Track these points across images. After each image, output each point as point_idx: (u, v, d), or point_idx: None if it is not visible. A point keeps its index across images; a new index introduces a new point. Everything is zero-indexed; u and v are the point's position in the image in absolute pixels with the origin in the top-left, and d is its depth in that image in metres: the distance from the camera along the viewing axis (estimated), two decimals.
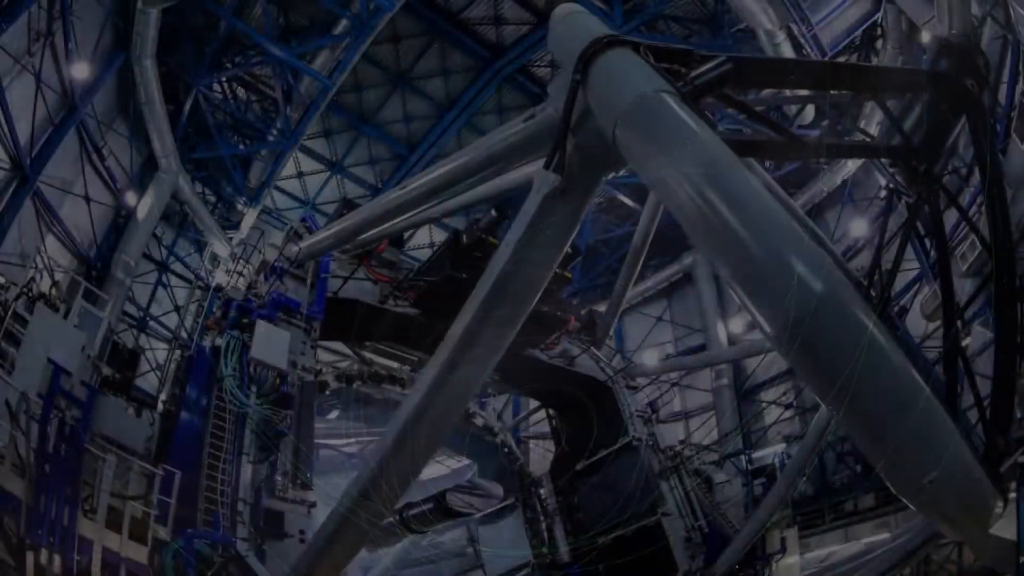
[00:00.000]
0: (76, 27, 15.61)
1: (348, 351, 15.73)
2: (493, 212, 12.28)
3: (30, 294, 8.78)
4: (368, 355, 15.66)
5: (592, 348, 15.29)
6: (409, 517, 13.42)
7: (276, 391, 9.45)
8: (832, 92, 5.95)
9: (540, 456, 22.30)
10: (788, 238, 3.67)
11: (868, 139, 7.58)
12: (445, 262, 12.67)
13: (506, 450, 16.88)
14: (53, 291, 9.72)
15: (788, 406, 21.46)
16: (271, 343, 8.92)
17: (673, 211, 4.10)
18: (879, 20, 16.84)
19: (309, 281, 12.10)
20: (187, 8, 19.18)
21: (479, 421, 16.88)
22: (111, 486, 6.85)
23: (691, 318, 25.93)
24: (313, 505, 9.57)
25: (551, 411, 16.97)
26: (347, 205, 14.23)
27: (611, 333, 15.77)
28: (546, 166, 5.06)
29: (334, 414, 16.02)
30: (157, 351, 20.68)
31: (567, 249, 13.72)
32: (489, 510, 14.32)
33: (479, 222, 12.66)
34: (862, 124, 16.08)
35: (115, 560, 6.65)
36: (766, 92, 7.66)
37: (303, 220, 14.03)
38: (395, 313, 13.04)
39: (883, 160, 6.38)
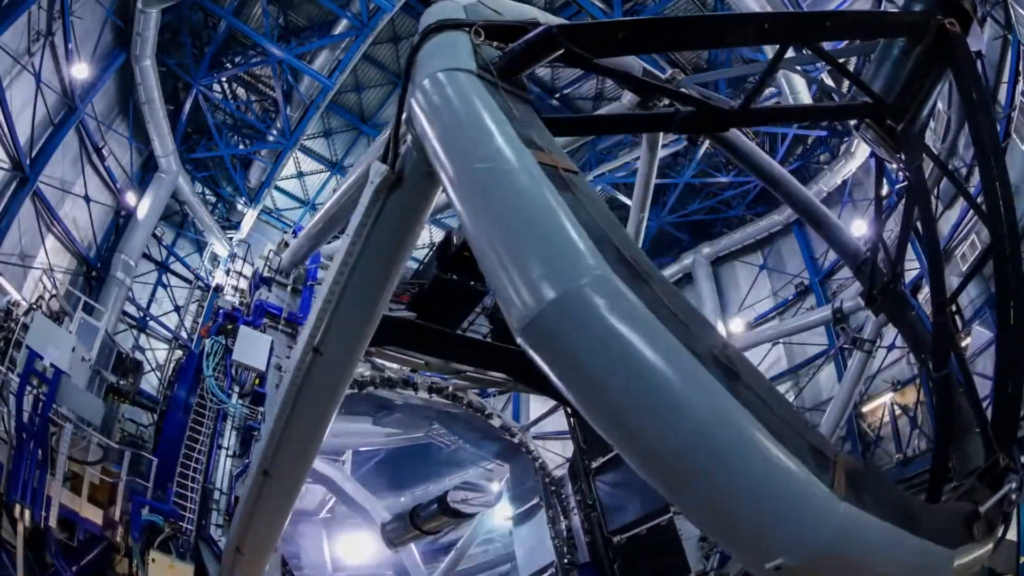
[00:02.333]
0: (76, 27, 15.61)
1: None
2: None
3: (39, 308, 10.16)
4: (380, 361, 15.66)
5: None
6: (420, 518, 13.48)
7: (253, 391, 10.27)
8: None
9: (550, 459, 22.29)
10: (536, 239, 2.79)
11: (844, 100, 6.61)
12: (434, 264, 12.68)
13: (524, 450, 16.81)
14: (54, 303, 10.86)
15: None
16: (251, 347, 9.51)
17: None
18: None
19: (290, 288, 12.26)
20: (187, 8, 19.20)
21: (496, 422, 16.83)
22: (70, 453, 8.18)
23: None
24: None
25: (568, 409, 16.68)
26: None
27: None
28: (382, 158, 4.71)
29: (366, 422, 16.14)
30: (157, 351, 20.68)
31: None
32: (487, 509, 14.33)
33: None
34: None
35: (74, 517, 7.92)
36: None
37: (294, 231, 13.97)
38: (392, 319, 12.98)
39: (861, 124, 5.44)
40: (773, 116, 7.94)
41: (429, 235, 29.58)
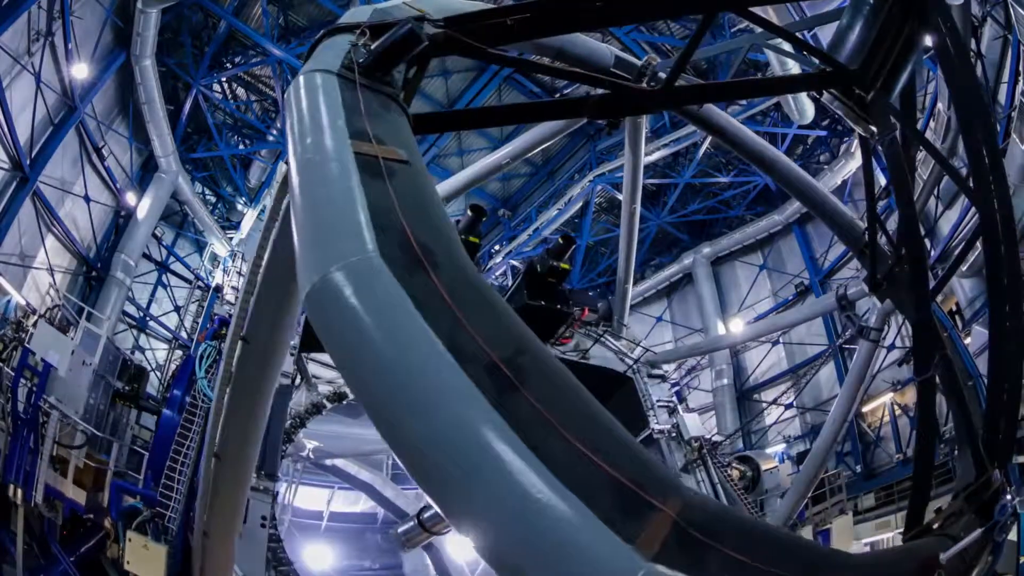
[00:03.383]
0: (76, 27, 15.61)
1: None
2: (469, 212, 12.35)
3: (46, 317, 11.14)
4: None
5: (609, 338, 14.84)
6: (426, 520, 13.50)
7: None
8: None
9: None
10: (322, 223, 2.73)
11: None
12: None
13: None
14: (58, 312, 12.04)
15: (788, 406, 21.47)
16: None
17: None
18: None
19: None
20: (187, 8, 19.21)
21: None
22: (58, 439, 9.19)
23: (691, 318, 25.95)
24: (277, 494, 10.20)
25: None
26: None
27: (626, 323, 15.24)
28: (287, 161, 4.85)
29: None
30: (157, 351, 20.68)
31: (557, 239, 13.63)
32: None
33: (459, 224, 12.72)
34: None
35: (59, 496, 8.82)
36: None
37: None
38: None
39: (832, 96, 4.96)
40: (713, 94, 7.01)
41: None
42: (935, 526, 3.83)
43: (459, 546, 17.14)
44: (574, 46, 7.60)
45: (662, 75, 9.81)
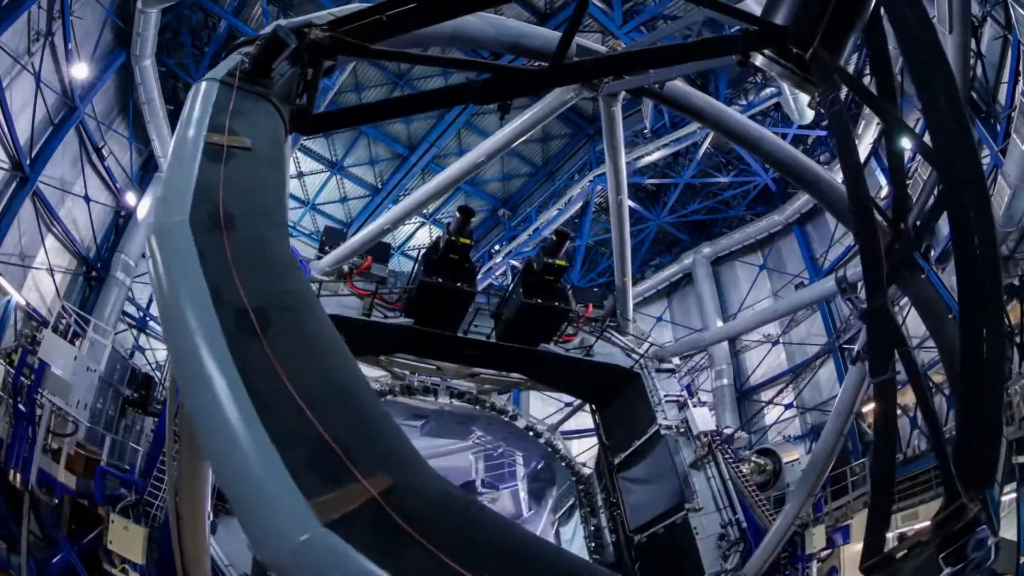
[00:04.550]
0: (76, 27, 15.60)
1: (381, 369, 15.89)
2: (457, 214, 12.33)
3: (55, 329, 11.87)
4: (398, 370, 15.73)
5: (615, 334, 14.49)
6: None
7: None
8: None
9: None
10: (163, 193, 3.34)
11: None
12: (420, 269, 12.70)
13: (550, 450, 16.69)
14: (69, 324, 12.70)
15: (788, 406, 21.48)
16: None
17: None
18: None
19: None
20: (187, 8, 19.20)
21: (521, 424, 16.73)
22: (53, 428, 10.12)
23: (691, 318, 25.94)
24: None
25: (593, 406, 16.15)
26: (328, 233, 14.17)
27: (631, 318, 15.05)
28: None
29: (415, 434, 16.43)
30: (157, 351, 20.68)
31: (551, 236, 13.41)
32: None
33: (449, 226, 12.73)
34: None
35: (52, 480, 9.69)
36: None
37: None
38: (388, 326, 12.91)
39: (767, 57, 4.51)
40: (611, 67, 6.29)
41: (429, 235, 29.63)
42: (898, 556, 3.41)
43: None
44: (468, 30, 7.39)
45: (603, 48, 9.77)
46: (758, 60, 4.63)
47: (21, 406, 9.69)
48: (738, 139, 10.02)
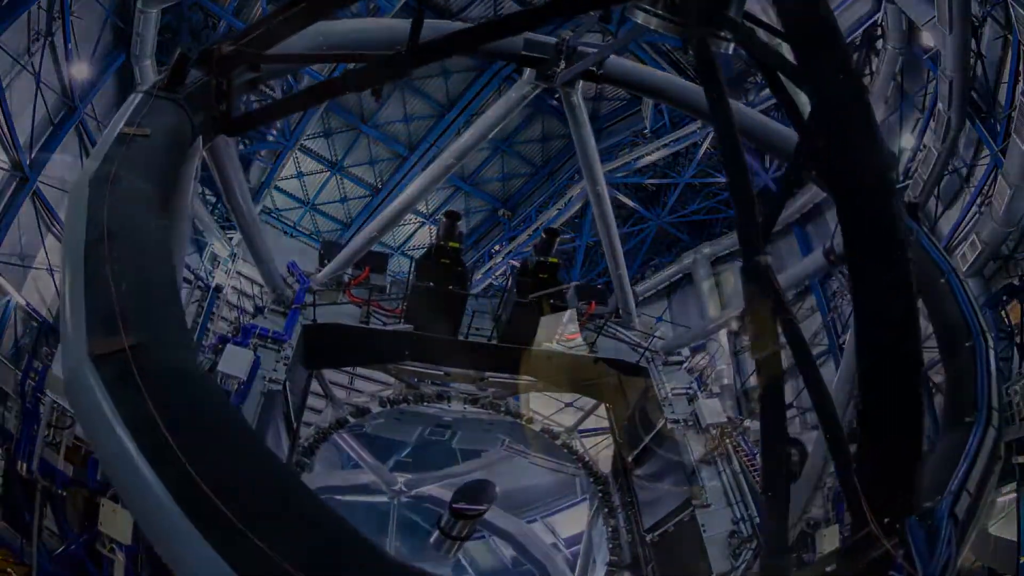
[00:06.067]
0: (76, 27, 15.60)
1: (392, 378, 16.02)
2: (443, 218, 12.51)
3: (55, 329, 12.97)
4: (409, 378, 15.78)
5: (619, 329, 14.39)
6: (447, 528, 13.50)
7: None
8: None
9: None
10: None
11: None
12: (413, 275, 12.84)
13: (566, 451, 16.63)
14: None
15: (788, 406, 21.43)
16: (235, 360, 11.12)
17: None
18: (879, 20, 16.85)
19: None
20: (187, 8, 19.21)
21: (537, 426, 16.70)
22: (51, 420, 10.88)
23: (691, 318, 25.92)
24: None
25: (608, 405, 15.93)
26: (326, 247, 14.20)
27: (635, 312, 14.97)
28: None
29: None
30: None
31: (542, 234, 13.47)
32: (486, 508, 14.28)
33: (437, 231, 12.85)
34: None
35: (52, 469, 10.51)
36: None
37: (288, 267, 13.99)
38: (388, 333, 12.97)
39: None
40: (459, 44, 5.92)
41: (429, 236, 29.63)
42: None
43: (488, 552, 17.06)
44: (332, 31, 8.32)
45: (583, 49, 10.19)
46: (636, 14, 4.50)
47: (28, 404, 10.71)
48: (680, 104, 10.81)
